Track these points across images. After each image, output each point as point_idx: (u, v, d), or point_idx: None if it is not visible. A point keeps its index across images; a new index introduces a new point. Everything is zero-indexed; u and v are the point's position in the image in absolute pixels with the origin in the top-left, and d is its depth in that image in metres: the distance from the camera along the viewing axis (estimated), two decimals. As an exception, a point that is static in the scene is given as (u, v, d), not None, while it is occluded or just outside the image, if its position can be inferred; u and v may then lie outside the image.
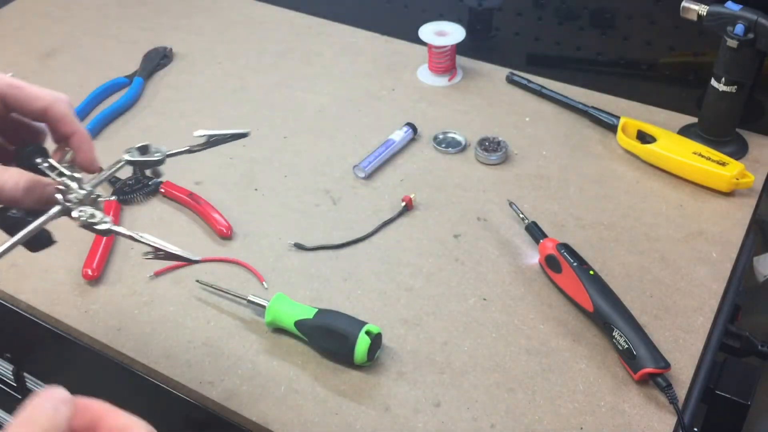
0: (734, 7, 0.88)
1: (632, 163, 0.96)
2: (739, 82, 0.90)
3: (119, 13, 1.31)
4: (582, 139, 1.00)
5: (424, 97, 1.09)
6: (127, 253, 0.87)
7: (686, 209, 0.90)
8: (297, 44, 1.22)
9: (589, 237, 0.86)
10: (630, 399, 0.70)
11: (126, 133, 1.05)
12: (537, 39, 1.12)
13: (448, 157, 0.98)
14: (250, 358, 0.75)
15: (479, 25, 1.15)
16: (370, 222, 0.89)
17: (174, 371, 0.74)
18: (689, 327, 0.76)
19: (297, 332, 0.75)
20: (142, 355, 0.76)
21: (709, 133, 0.96)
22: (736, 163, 0.90)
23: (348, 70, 1.15)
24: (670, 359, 0.70)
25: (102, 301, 0.81)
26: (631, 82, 1.08)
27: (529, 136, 1.01)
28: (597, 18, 1.06)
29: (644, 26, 1.03)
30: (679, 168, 0.93)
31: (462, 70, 1.13)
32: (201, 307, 0.81)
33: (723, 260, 0.83)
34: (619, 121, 0.98)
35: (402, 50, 1.19)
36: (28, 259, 0.86)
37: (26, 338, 0.91)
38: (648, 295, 0.79)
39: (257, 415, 0.70)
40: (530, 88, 1.09)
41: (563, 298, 0.79)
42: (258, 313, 0.78)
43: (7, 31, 1.28)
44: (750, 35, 0.86)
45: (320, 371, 0.74)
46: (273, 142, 1.02)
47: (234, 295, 0.80)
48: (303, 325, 0.74)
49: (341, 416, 0.70)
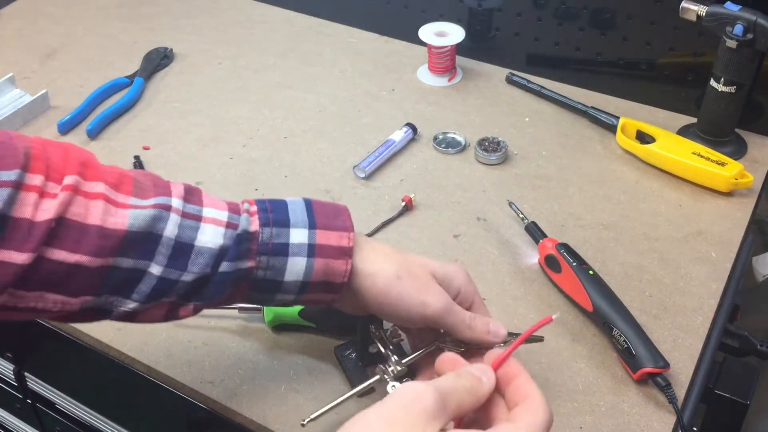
0: (733, 7, 0.88)
1: (631, 163, 0.96)
2: (738, 82, 0.90)
3: (119, 13, 1.31)
4: (581, 140, 1.01)
5: (424, 98, 1.09)
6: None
7: (685, 209, 0.90)
8: (297, 44, 1.22)
9: (588, 237, 0.86)
10: (629, 398, 0.70)
11: (126, 133, 1.05)
12: (537, 39, 1.12)
13: (448, 157, 0.99)
14: (250, 358, 0.75)
15: (479, 25, 1.15)
16: (370, 222, 0.89)
17: (174, 371, 0.74)
18: (688, 326, 0.76)
19: (303, 322, 0.75)
20: (142, 354, 0.76)
21: (708, 134, 0.96)
22: (735, 163, 0.90)
23: (348, 71, 1.15)
24: (669, 359, 0.70)
25: (103, 301, 0.81)
26: (631, 83, 1.08)
27: (528, 136, 1.01)
28: (597, 18, 1.06)
29: (644, 26, 1.03)
30: (678, 168, 0.93)
31: (462, 71, 1.14)
32: (201, 306, 0.81)
33: (722, 260, 0.83)
34: (619, 121, 0.99)
35: (402, 50, 1.19)
36: (28, 259, 0.86)
37: (27, 338, 0.91)
38: (647, 294, 0.79)
39: (257, 415, 0.70)
40: (530, 89, 1.09)
41: (563, 297, 0.79)
42: (253, 317, 0.78)
43: (8, 31, 1.28)
44: (749, 35, 0.87)
45: (320, 371, 0.74)
46: (273, 142, 1.02)
47: (221, 307, 0.79)
48: (308, 312, 0.75)
49: (341, 416, 0.70)
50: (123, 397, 0.88)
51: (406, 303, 0.61)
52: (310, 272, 0.60)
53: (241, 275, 0.59)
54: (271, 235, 0.59)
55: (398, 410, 0.45)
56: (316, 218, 0.61)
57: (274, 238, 0.59)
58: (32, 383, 0.98)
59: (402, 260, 0.63)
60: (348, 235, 0.61)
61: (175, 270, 0.57)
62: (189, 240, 0.57)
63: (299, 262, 0.59)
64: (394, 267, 0.61)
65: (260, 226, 0.59)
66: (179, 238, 0.57)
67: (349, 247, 0.61)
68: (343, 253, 0.60)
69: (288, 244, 0.59)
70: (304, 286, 0.60)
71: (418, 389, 0.46)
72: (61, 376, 0.94)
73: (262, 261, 0.59)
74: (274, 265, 0.59)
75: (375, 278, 0.61)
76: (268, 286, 0.60)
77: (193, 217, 0.58)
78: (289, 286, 0.60)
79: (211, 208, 0.60)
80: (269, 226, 0.59)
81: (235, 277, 0.58)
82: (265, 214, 0.60)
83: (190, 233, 0.57)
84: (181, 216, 0.57)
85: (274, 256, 0.59)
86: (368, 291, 0.61)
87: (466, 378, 0.50)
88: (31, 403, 1.02)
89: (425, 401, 0.45)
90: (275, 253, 0.59)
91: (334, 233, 0.61)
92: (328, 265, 0.60)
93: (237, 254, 0.58)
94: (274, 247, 0.59)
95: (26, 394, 1.01)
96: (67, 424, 0.99)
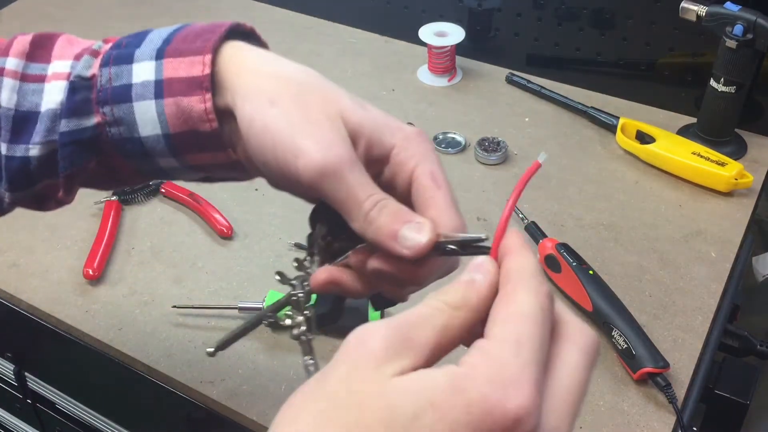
0: (733, 7, 0.88)
1: (631, 164, 0.96)
2: (738, 82, 0.90)
3: (119, 14, 1.31)
4: (581, 140, 1.01)
5: (424, 98, 1.09)
6: (128, 253, 0.87)
7: (685, 209, 0.90)
8: (297, 44, 1.22)
9: (588, 237, 0.86)
10: (629, 398, 0.70)
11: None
12: (537, 39, 1.12)
13: (448, 157, 0.99)
14: (250, 357, 0.75)
15: (479, 25, 1.15)
16: (370, 222, 0.89)
17: (174, 371, 0.74)
18: (688, 326, 0.76)
19: None
20: (142, 354, 0.76)
21: (708, 134, 0.96)
22: (735, 164, 0.90)
23: (348, 71, 1.15)
24: (669, 359, 0.70)
25: (103, 301, 0.82)
26: (631, 83, 1.08)
27: (528, 136, 1.01)
28: (596, 18, 1.06)
29: (644, 27, 1.03)
30: (678, 168, 0.93)
31: (462, 71, 1.14)
32: (201, 306, 0.81)
33: (722, 260, 0.83)
34: (619, 121, 0.99)
35: (402, 50, 1.19)
36: (28, 259, 0.86)
37: (27, 338, 0.91)
38: (647, 294, 0.79)
39: (257, 415, 0.70)
40: (530, 89, 1.09)
41: (563, 297, 0.79)
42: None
43: (8, 32, 1.27)
44: (749, 36, 0.87)
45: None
46: (273, 143, 1.02)
47: (221, 307, 0.79)
48: None
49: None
50: (123, 397, 0.88)
51: (270, 144, 0.42)
52: (165, 120, 0.44)
53: (91, 136, 0.46)
54: (110, 77, 0.45)
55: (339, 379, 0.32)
56: (172, 44, 0.45)
57: (114, 79, 0.45)
58: (32, 383, 0.98)
59: (294, 83, 0.43)
60: (202, 59, 0.44)
61: (22, 145, 0.46)
62: (33, 107, 0.46)
63: (147, 107, 0.44)
64: (271, 88, 0.43)
65: (99, 68, 0.45)
66: (20, 107, 0.46)
67: (203, 76, 0.43)
68: (195, 86, 0.43)
69: (131, 86, 0.44)
70: (169, 142, 0.45)
71: (359, 333, 0.33)
72: (62, 376, 0.94)
73: (107, 112, 0.45)
74: (121, 117, 0.45)
75: (243, 105, 0.43)
76: (133, 148, 0.46)
77: (35, 78, 0.47)
78: (152, 144, 0.45)
79: (58, 60, 0.47)
80: (108, 65, 0.45)
81: (81, 138, 0.46)
82: (113, 51, 0.46)
83: (34, 98, 0.47)
84: (20, 79, 0.47)
85: (117, 104, 0.45)
86: (239, 127, 0.43)
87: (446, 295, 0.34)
88: (31, 403, 1.02)
89: (370, 344, 0.32)
90: (117, 100, 0.44)
91: (185, 60, 0.44)
92: (179, 106, 0.44)
93: (73, 108, 0.45)
94: (114, 92, 0.45)
95: (26, 394, 1.01)
96: (67, 424, 0.99)
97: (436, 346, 0.33)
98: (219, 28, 0.46)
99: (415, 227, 0.40)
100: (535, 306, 0.32)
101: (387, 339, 0.32)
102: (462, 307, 0.34)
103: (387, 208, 0.41)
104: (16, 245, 0.88)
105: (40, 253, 0.87)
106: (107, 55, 0.45)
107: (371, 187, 0.41)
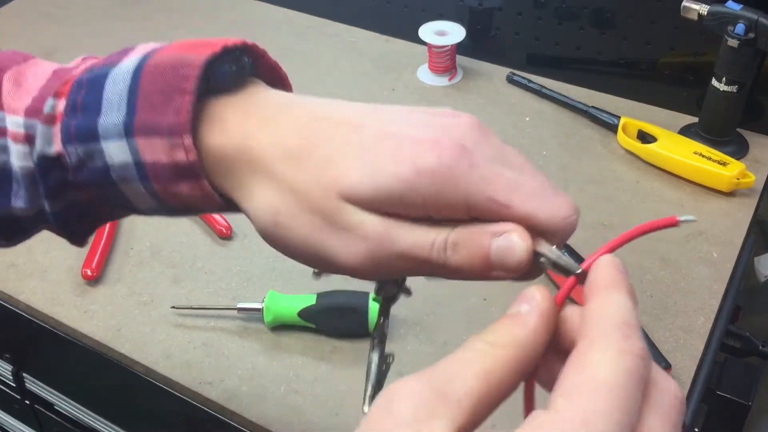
0: (735, 6, 0.88)
1: (633, 163, 0.96)
2: (739, 81, 0.90)
3: (119, 13, 1.31)
4: (582, 139, 1.00)
5: (424, 97, 1.09)
6: (127, 253, 0.87)
7: (687, 209, 0.89)
8: (297, 44, 1.21)
9: (589, 237, 0.86)
10: (630, 399, 0.70)
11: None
12: (537, 39, 1.12)
13: (448, 157, 0.98)
14: (250, 358, 0.75)
15: (479, 25, 1.15)
16: (370, 222, 0.89)
17: (173, 372, 0.74)
18: (690, 327, 0.76)
19: (302, 322, 0.75)
20: (141, 355, 0.76)
21: (709, 133, 0.96)
22: (736, 163, 0.90)
23: (348, 71, 1.15)
24: (670, 359, 0.70)
25: (102, 301, 0.81)
26: (632, 82, 1.08)
27: (529, 136, 1.01)
28: (597, 18, 1.06)
29: (644, 26, 1.03)
30: (679, 168, 0.92)
31: (462, 70, 1.13)
32: (201, 307, 0.80)
33: (723, 260, 0.83)
34: (620, 120, 0.98)
35: (402, 50, 1.19)
36: (27, 259, 0.86)
37: (26, 339, 0.91)
38: (648, 295, 0.79)
39: (257, 416, 0.70)
40: (530, 88, 1.08)
41: (563, 298, 0.79)
42: (253, 318, 0.78)
43: (7, 31, 1.28)
44: (751, 35, 0.86)
45: (320, 371, 0.73)
46: (273, 142, 1.02)
47: (220, 308, 0.79)
48: (308, 313, 0.74)
49: (341, 417, 0.70)
50: (122, 399, 0.88)
51: (304, 257, 0.38)
52: (159, 197, 0.40)
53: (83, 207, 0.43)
54: (81, 158, 0.39)
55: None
56: (138, 112, 0.38)
57: (87, 160, 0.39)
58: (30, 384, 0.97)
59: (291, 176, 0.37)
60: (182, 141, 0.37)
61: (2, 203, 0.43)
62: (2, 165, 0.42)
63: (136, 189, 0.40)
64: (268, 199, 0.37)
65: (63, 143, 0.40)
66: None
67: (189, 163, 0.37)
68: (181, 175, 0.38)
69: (108, 168, 0.39)
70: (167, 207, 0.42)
71: (385, 395, 0.28)
72: (60, 377, 0.94)
73: (94, 190, 0.42)
74: (112, 194, 0.41)
75: (251, 218, 0.39)
76: (128, 212, 0.44)
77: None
78: (149, 210, 0.43)
79: (10, 115, 0.42)
80: (72, 142, 0.39)
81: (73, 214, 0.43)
82: (71, 119, 0.40)
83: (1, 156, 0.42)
84: None
85: (101, 185, 0.41)
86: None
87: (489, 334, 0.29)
88: (29, 404, 1.02)
89: (396, 408, 0.27)
90: (100, 182, 0.40)
91: (162, 141, 0.37)
92: (171, 191, 0.39)
93: (53, 192, 0.42)
94: (93, 174, 0.40)
95: (24, 395, 1.01)
96: (65, 426, 0.99)
97: (481, 397, 0.27)
98: (185, 81, 0.37)
99: (504, 242, 0.33)
100: (617, 372, 0.25)
101: (416, 397, 0.26)
102: (507, 345, 0.28)
103: (458, 244, 0.34)
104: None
105: (38, 254, 0.87)
106: (66, 127, 0.39)
107: (425, 236, 0.35)
